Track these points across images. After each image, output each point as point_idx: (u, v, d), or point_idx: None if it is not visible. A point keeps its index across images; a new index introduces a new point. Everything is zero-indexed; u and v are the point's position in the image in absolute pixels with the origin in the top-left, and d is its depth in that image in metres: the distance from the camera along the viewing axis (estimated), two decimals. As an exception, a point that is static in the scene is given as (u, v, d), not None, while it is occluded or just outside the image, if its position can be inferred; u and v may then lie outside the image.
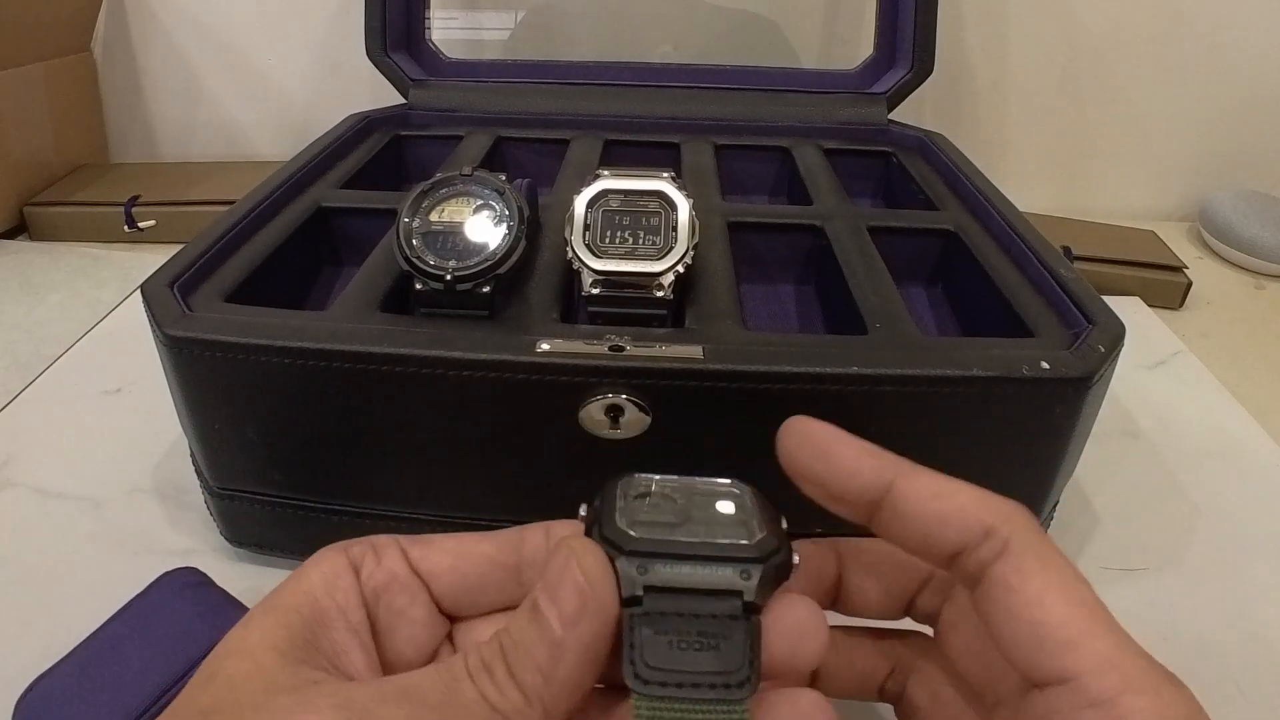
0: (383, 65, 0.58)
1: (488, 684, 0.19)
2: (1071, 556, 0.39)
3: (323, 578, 0.22)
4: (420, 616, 0.23)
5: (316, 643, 0.21)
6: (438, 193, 0.33)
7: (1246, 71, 0.75)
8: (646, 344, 0.31)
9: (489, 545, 0.24)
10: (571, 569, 0.20)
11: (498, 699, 0.19)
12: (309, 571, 0.22)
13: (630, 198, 0.34)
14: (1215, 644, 0.36)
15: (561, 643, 0.19)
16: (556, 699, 0.19)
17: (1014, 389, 0.30)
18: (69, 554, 0.38)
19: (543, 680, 0.19)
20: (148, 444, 0.44)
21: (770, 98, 0.58)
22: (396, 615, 0.23)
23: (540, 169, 0.49)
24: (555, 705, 0.19)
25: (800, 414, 0.23)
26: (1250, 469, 0.46)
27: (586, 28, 0.74)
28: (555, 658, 0.19)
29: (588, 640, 0.19)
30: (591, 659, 0.20)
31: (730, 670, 0.19)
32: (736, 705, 0.19)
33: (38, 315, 0.57)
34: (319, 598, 0.22)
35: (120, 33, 0.76)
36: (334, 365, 0.30)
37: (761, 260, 0.44)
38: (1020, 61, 0.75)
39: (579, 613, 0.19)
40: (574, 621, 0.19)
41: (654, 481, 0.22)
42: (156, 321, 0.31)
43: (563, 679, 0.19)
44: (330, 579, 0.22)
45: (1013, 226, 0.41)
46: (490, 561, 0.23)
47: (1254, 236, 0.69)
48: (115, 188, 0.70)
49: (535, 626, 0.20)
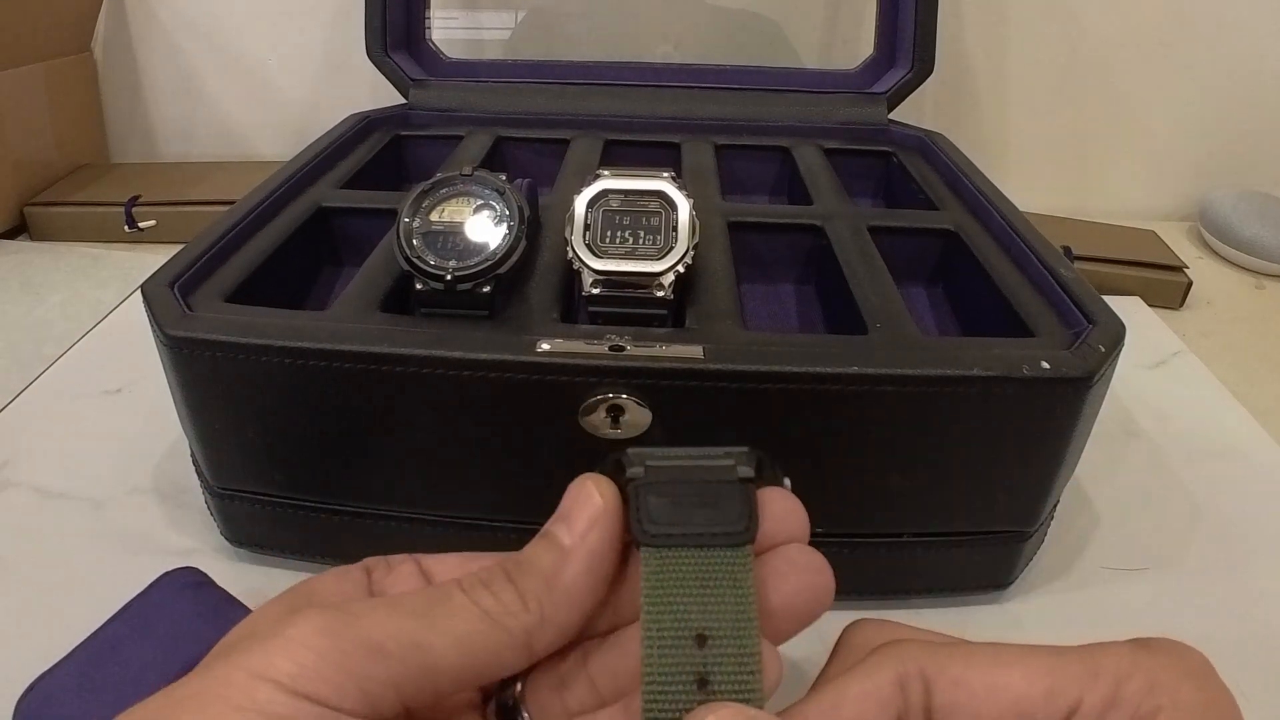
0: (383, 65, 0.58)
1: (482, 593, 0.19)
2: (1071, 556, 0.39)
3: (334, 577, 0.22)
4: None
5: None
6: (438, 193, 0.33)
7: (1247, 71, 0.75)
8: (647, 344, 0.31)
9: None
10: (587, 488, 0.20)
11: (490, 603, 0.19)
12: (320, 575, 0.23)
13: (630, 198, 0.34)
14: (1215, 644, 0.35)
15: (569, 550, 0.20)
16: (557, 606, 0.19)
17: (1014, 389, 0.30)
18: (69, 554, 0.38)
19: (545, 585, 0.19)
20: (148, 444, 0.44)
21: (770, 98, 0.58)
22: None
23: (540, 169, 0.49)
24: (555, 612, 0.19)
25: (800, 415, 0.23)
26: (1250, 469, 0.46)
27: (586, 28, 0.74)
28: (561, 563, 0.20)
29: (595, 547, 0.20)
30: (596, 570, 0.20)
31: (730, 522, 0.20)
32: (739, 549, 0.20)
33: (38, 315, 0.57)
34: (327, 587, 0.22)
35: (120, 33, 0.76)
36: (334, 365, 0.30)
37: (762, 260, 0.44)
38: (1020, 61, 0.75)
39: (590, 525, 0.20)
40: (585, 532, 0.20)
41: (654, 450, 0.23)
42: (157, 321, 0.31)
43: (566, 584, 0.19)
44: (339, 577, 0.22)
45: (1013, 226, 0.41)
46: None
47: (1254, 236, 0.69)
48: (115, 188, 0.70)
49: (543, 544, 0.20)
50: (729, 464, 0.21)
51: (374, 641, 0.18)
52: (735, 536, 0.20)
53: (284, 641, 0.18)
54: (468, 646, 0.19)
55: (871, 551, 0.34)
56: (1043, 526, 0.36)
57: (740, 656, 0.18)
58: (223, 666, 0.18)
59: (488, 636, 0.19)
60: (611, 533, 0.20)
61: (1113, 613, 0.37)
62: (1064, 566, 0.39)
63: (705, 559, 0.19)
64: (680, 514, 0.20)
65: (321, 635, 0.18)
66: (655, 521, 0.20)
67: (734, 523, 0.20)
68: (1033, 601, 0.37)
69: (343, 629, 0.18)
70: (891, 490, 0.32)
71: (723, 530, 0.20)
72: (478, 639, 0.19)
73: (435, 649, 0.18)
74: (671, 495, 0.20)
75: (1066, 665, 0.19)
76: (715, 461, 0.21)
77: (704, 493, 0.20)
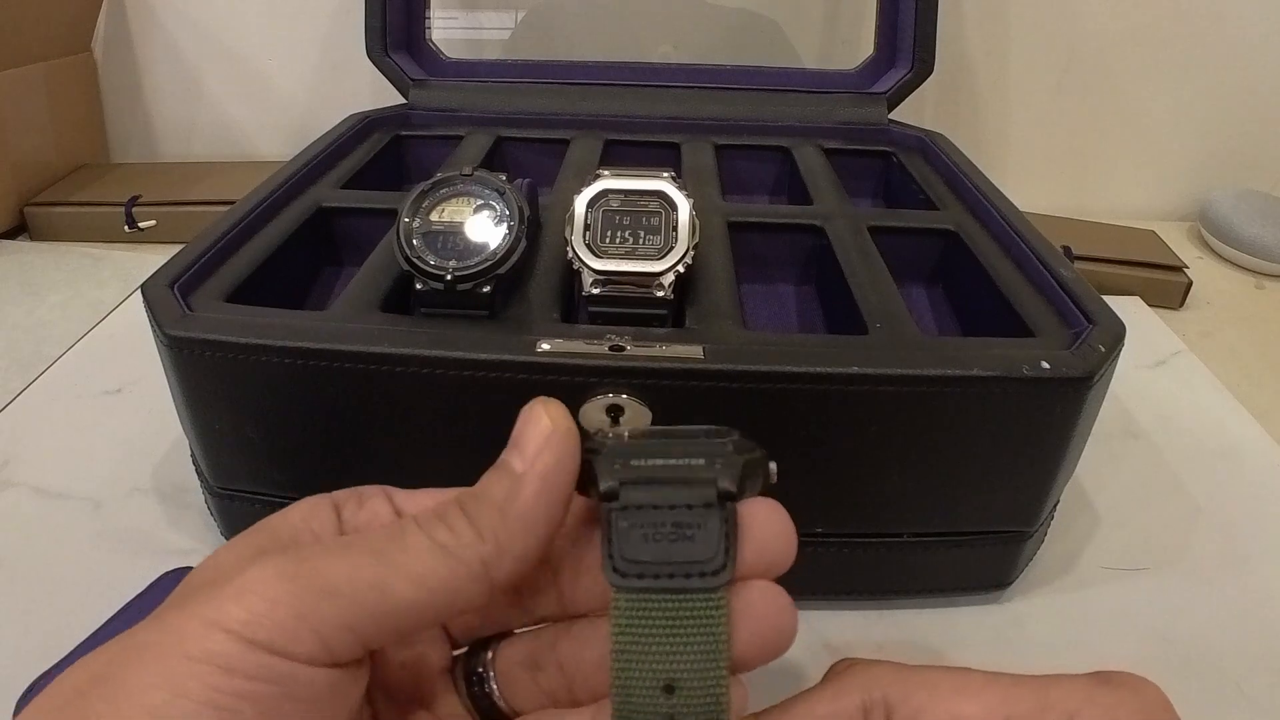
0: (383, 65, 0.58)
1: (438, 528, 0.19)
2: (1071, 556, 0.39)
3: (302, 515, 0.22)
4: None
5: None
6: (438, 193, 0.33)
7: (1247, 71, 0.75)
8: (647, 344, 0.31)
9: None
10: (535, 412, 0.20)
11: (446, 537, 0.19)
12: (289, 509, 0.22)
13: (630, 198, 0.34)
14: (1215, 644, 0.36)
15: (521, 476, 0.19)
16: (512, 535, 0.19)
17: (1014, 389, 0.30)
18: (69, 554, 0.38)
19: (499, 514, 0.19)
20: (148, 444, 0.44)
21: (770, 98, 0.58)
22: None
23: (540, 169, 0.49)
24: (510, 541, 0.19)
25: (800, 415, 0.23)
26: (1250, 469, 0.46)
27: (586, 28, 0.74)
28: (513, 491, 0.19)
29: (547, 470, 0.19)
30: (551, 492, 0.19)
31: (705, 559, 0.19)
32: (712, 594, 0.19)
33: (38, 315, 0.57)
34: (295, 524, 0.22)
35: (120, 33, 0.76)
36: (334, 365, 0.30)
37: (762, 260, 0.44)
38: (1020, 61, 0.75)
39: (541, 447, 0.19)
40: (535, 456, 0.19)
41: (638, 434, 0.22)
42: (157, 321, 0.31)
43: (520, 512, 0.19)
44: (308, 515, 0.22)
45: (1013, 226, 0.41)
46: None
47: (1254, 236, 0.69)
48: (115, 188, 0.70)
49: (496, 473, 0.20)
50: (709, 477, 0.20)
51: (329, 585, 0.18)
52: (711, 579, 0.19)
53: (237, 589, 0.18)
54: (425, 582, 0.19)
55: (871, 551, 0.34)
56: (1043, 526, 0.36)
57: (707, 705, 0.18)
58: (176, 616, 0.18)
59: (446, 570, 0.19)
60: (563, 453, 0.20)
61: (1113, 613, 0.37)
62: (1064, 566, 0.39)
63: (678, 604, 0.19)
64: (655, 550, 0.19)
65: (276, 580, 0.18)
66: (627, 559, 0.19)
67: (711, 560, 0.19)
68: (1033, 601, 0.37)
69: (296, 573, 0.18)
70: (891, 490, 0.32)
71: (698, 573, 0.19)
72: (435, 574, 0.19)
73: (393, 588, 0.18)
74: (646, 525, 0.19)
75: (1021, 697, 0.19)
76: (695, 472, 0.20)
77: (680, 521, 0.19)
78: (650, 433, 0.22)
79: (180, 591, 0.20)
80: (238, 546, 0.21)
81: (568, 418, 0.20)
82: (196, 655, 0.17)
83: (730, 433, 0.21)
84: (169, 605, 0.19)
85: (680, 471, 0.20)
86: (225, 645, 0.17)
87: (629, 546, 0.19)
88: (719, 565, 0.19)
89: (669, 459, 0.20)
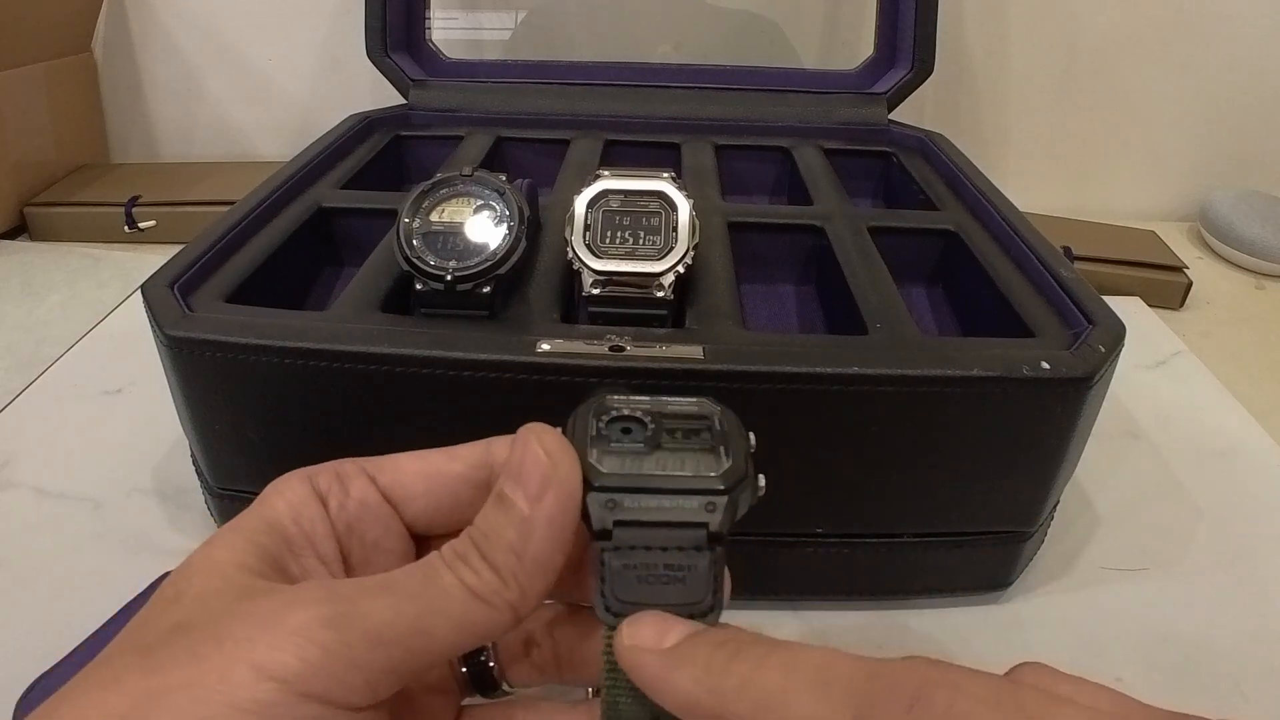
0: (383, 65, 0.58)
1: (464, 570, 0.19)
2: (1071, 556, 0.39)
3: (289, 507, 0.22)
4: (394, 546, 0.23)
5: (285, 567, 0.21)
6: (438, 193, 0.33)
7: (1247, 71, 0.75)
8: (647, 344, 0.31)
9: (459, 465, 0.23)
10: (532, 448, 0.20)
11: (475, 582, 0.19)
12: (272, 500, 0.22)
13: (630, 198, 0.34)
14: (1215, 644, 0.36)
15: (529, 519, 0.20)
16: (531, 576, 0.20)
17: (1014, 389, 0.30)
18: (69, 554, 0.38)
19: (516, 559, 0.19)
20: (148, 444, 0.44)
21: (770, 98, 0.58)
22: (370, 548, 0.23)
23: (540, 169, 0.49)
24: (530, 583, 0.20)
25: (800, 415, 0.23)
26: (1250, 469, 0.46)
27: (586, 28, 0.74)
28: (525, 534, 0.20)
29: (554, 513, 0.20)
30: (559, 533, 0.20)
31: (695, 601, 0.20)
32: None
33: (38, 315, 0.57)
34: (286, 525, 0.21)
35: (120, 33, 0.76)
36: (334, 365, 0.30)
37: (762, 260, 0.44)
38: (1020, 61, 0.75)
39: (543, 487, 0.20)
40: (539, 496, 0.20)
41: (624, 404, 0.22)
42: (157, 322, 0.31)
43: (534, 554, 0.20)
44: (296, 509, 0.22)
45: (1013, 226, 0.41)
46: (463, 481, 0.23)
47: (1254, 236, 0.69)
48: (115, 188, 0.70)
49: (502, 511, 0.20)
50: (701, 520, 0.20)
51: (378, 633, 0.18)
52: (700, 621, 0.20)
53: (287, 634, 0.17)
54: (464, 627, 0.19)
55: (871, 551, 0.34)
56: (1043, 526, 0.36)
57: None
58: (214, 654, 0.17)
59: (482, 615, 0.19)
60: (567, 495, 0.20)
61: (1113, 613, 0.37)
62: (1064, 566, 0.39)
63: None
64: (648, 592, 0.20)
65: (325, 628, 0.17)
66: (621, 599, 0.20)
67: (700, 602, 0.20)
68: (1033, 601, 0.37)
69: (344, 620, 0.18)
70: (891, 490, 0.32)
71: (688, 615, 0.19)
72: (472, 619, 0.19)
73: (435, 632, 0.19)
74: (638, 566, 0.20)
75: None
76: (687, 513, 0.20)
77: (672, 564, 0.20)
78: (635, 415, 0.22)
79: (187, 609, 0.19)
80: (236, 548, 0.20)
81: (564, 449, 0.20)
82: (245, 705, 0.16)
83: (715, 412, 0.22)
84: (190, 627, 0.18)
85: (672, 513, 0.20)
86: (276, 695, 0.17)
87: (622, 587, 0.20)
88: (708, 607, 0.20)
89: (661, 496, 0.20)
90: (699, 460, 0.21)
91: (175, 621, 0.18)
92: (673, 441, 0.21)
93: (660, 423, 0.22)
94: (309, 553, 0.21)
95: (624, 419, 0.22)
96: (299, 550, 0.21)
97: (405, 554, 0.23)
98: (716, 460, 0.21)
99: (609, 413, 0.22)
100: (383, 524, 0.23)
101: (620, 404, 0.22)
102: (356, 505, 0.22)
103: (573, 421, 0.22)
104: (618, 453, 0.21)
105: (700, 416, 0.22)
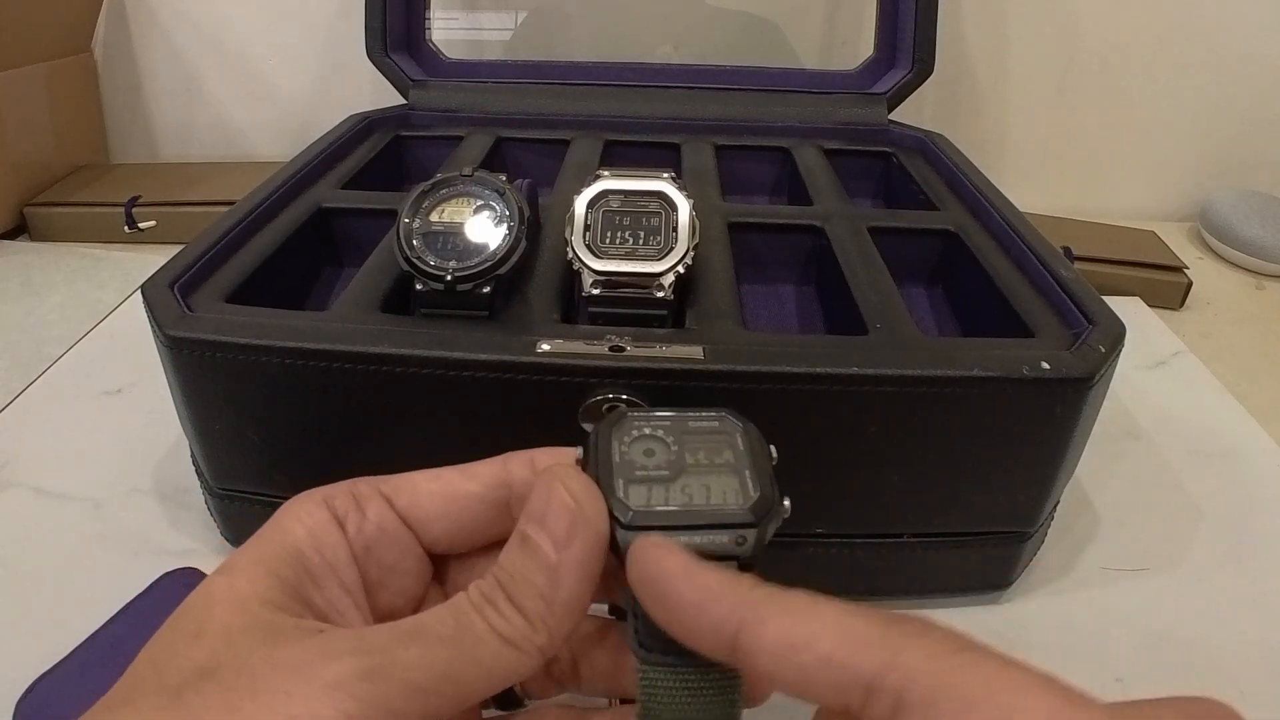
0: (383, 66, 0.58)
1: (493, 615, 0.20)
2: (1071, 557, 0.39)
3: (308, 533, 0.22)
4: (411, 568, 0.23)
5: (309, 599, 0.21)
6: (438, 193, 0.33)
7: (1247, 72, 0.75)
8: (647, 344, 0.31)
9: (476, 485, 0.23)
10: (558, 492, 0.20)
11: (505, 628, 0.19)
12: (289, 525, 0.22)
13: (630, 198, 0.34)
14: (1215, 644, 0.36)
15: (558, 566, 0.20)
16: (560, 621, 0.20)
17: (1014, 389, 0.30)
18: (69, 554, 0.38)
19: (545, 605, 0.20)
20: (148, 444, 0.44)
21: (770, 98, 0.58)
22: (388, 570, 0.23)
23: (540, 169, 0.49)
24: (559, 627, 0.20)
25: (800, 415, 0.23)
26: (1250, 469, 0.46)
27: (586, 28, 0.74)
28: (554, 581, 0.20)
29: (582, 558, 0.20)
30: (588, 577, 0.20)
31: None
32: (730, 674, 0.20)
33: (38, 316, 0.57)
34: (306, 553, 0.21)
35: (120, 33, 0.76)
36: (334, 365, 0.30)
37: (762, 260, 0.44)
38: (1020, 61, 0.75)
39: (570, 533, 0.20)
40: (566, 543, 0.20)
41: (646, 423, 0.22)
42: (157, 322, 0.31)
43: (564, 600, 0.20)
44: (316, 535, 0.22)
45: (1013, 226, 0.41)
46: (480, 501, 0.23)
47: (1254, 236, 0.69)
48: (115, 188, 0.70)
49: (528, 555, 0.20)
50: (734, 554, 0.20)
51: (413, 682, 0.18)
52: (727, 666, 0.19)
53: (323, 688, 0.17)
54: (494, 672, 0.19)
55: (871, 551, 0.34)
56: (1043, 527, 0.36)
57: None
58: (253, 707, 0.17)
59: (512, 659, 0.19)
60: (594, 540, 0.20)
61: (1113, 613, 0.37)
62: (1064, 567, 0.39)
63: (700, 678, 0.20)
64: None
65: (361, 680, 0.18)
66: (653, 637, 0.19)
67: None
68: (1033, 602, 0.37)
69: (381, 672, 0.18)
70: (891, 490, 0.32)
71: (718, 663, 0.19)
72: (502, 664, 0.19)
73: (466, 678, 0.19)
74: None
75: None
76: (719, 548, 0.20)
77: None
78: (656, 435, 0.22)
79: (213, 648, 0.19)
80: (258, 580, 0.20)
81: (590, 492, 0.20)
82: None
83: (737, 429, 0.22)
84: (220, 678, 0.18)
85: (703, 548, 0.20)
86: None
87: (654, 625, 0.19)
88: None
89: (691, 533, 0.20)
90: (725, 485, 0.21)
91: (202, 662, 0.18)
92: (697, 463, 0.21)
93: (684, 442, 0.21)
94: (331, 581, 0.21)
95: (645, 437, 0.22)
96: (321, 580, 0.21)
97: (422, 575, 0.23)
98: (742, 486, 0.21)
99: (631, 433, 0.22)
100: (400, 546, 0.23)
101: (642, 422, 0.22)
102: (374, 529, 0.22)
103: (594, 441, 0.22)
104: (643, 480, 0.21)
105: (723, 433, 0.22)
